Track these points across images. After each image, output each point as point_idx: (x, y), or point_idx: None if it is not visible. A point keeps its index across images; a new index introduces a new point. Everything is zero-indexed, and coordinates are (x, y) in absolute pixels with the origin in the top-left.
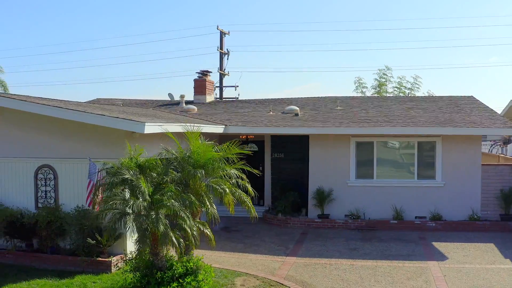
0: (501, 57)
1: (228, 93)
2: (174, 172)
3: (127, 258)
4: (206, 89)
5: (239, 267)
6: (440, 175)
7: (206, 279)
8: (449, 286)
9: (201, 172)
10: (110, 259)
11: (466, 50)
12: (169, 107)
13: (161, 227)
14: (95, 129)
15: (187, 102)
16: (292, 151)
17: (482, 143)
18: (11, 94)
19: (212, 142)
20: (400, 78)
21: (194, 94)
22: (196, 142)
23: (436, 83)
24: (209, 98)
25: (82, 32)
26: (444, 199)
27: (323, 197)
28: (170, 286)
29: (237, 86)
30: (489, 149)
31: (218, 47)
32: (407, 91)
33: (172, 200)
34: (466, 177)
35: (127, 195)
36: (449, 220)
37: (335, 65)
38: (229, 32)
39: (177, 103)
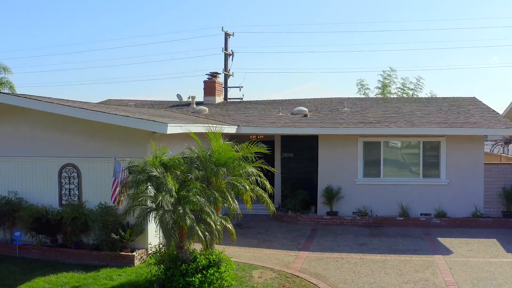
0: (502, 58)
1: (232, 93)
2: (196, 170)
3: (151, 251)
4: (216, 90)
5: (255, 260)
6: (444, 174)
7: (228, 271)
8: (455, 278)
9: (223, 170)
10: (133, 253)
11: (467, 51)
12: (180, 108)
13: (188, 221)
14: (118, 129)
15: (197, 103)
16: (301, 151)
17: (484, 142)
18: (38, 96)
19: (232, 142)
20: (404, 79)
21: (204, 95)
22: (218, 142)
23: (438, 84)
24: (218, 99)
25: (83, 32)
26: (448, 197)
27: (331, 195)
28: (194, 277)
29: (242, 86)
30: (491, 149)
31: (223, 48)
32: (410, 92)
33: (198, 196)
34: (470, 176)
35: (152, 192)
36: (453, 217)
37: (334, 65)
38: (233, 34)
39: (188, 104)
